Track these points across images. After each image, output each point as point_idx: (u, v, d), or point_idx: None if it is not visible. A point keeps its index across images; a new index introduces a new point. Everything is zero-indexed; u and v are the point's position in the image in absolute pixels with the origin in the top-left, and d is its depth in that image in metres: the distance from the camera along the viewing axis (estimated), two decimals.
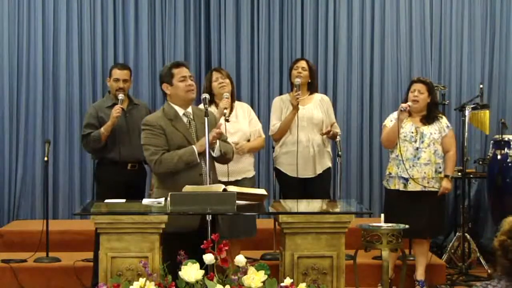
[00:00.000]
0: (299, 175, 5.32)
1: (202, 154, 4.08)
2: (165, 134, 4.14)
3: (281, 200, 5.22)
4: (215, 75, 5.15)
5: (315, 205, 4.68)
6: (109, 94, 5.32)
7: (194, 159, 4.10)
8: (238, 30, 6.96)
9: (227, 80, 5.12)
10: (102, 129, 5.10)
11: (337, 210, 4.44)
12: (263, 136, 5.31)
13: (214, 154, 4.17)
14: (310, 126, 5.36)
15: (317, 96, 5.51)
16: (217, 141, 4.17)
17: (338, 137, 5.48)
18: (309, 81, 5.44)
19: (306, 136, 5.35)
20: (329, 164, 5.48)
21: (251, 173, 5.15)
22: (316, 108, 5.42)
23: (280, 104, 5.46)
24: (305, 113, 5.35)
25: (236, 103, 5.24)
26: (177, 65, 4.25)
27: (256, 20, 6.96)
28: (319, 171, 5.39)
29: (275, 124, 5.42)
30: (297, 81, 5.30)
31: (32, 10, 6.83)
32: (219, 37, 6.93)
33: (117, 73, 5.24)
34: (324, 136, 5.39)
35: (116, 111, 5.06)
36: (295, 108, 5.28)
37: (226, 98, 4.98)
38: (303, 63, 5.44)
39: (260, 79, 6.96)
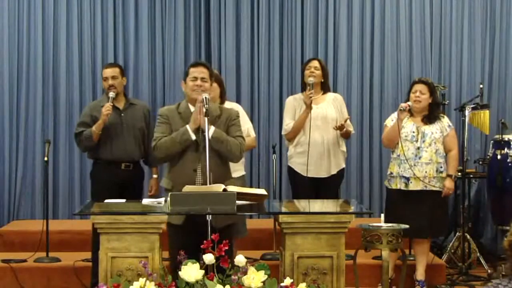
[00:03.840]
0: (313, 175, 5.32)
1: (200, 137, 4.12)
2: (169, 122, 4.24)
3: (295, 200, 5.20)
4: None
5: (329, 205, 4.68)
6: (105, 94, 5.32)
7: (187, 137, 4.14)
8: (238, 30, 6.95)
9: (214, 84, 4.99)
10: (93, 127, 5.08)
11: (337, 210, 4.44)
12: (253, 135, 5.27)
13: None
14: (325, 125, 5.35)
15: (330, 95, 5.51)
16: (212, 127, 4.14)
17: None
18: (322, 80, 5.44)
19: (321, 135, 5.34)
20: (343, 165, 5.50)
21: (239, 173, 5.02)
22: (330, 107, 5.41)
23: (293, 104, 5.44)
24: (319, 112, 5.34)
25: (226, 103, 5.14)
26: (194, 64, 4.37)
27: (256, 20, 6.95)
28: (333, 171, 5.40)
29: (288, 123, 5.40)
30: (310, 80, 5.30)
31: (32, 9, 6.83)
32: (219, 37, 6.92)
33: (105, 72, 5.24)
34: (338, 133, 5.38)
35: (106, 109, 5.02)
36: (308, 107, 5.27)
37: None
38: (315, 63, 5.43)
39: (260, 79, 6.95)
